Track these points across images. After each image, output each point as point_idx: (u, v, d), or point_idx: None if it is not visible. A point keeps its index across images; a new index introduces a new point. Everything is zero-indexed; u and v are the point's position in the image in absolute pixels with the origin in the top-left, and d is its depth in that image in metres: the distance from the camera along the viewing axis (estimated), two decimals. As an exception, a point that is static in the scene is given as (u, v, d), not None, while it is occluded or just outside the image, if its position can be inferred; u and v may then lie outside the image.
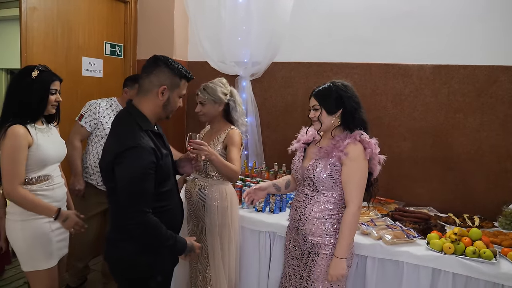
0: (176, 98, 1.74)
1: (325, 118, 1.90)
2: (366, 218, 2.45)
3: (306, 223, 1.94)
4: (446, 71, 2.87)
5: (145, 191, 1.61)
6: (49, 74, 2.02)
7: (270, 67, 3.36)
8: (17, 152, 1.86)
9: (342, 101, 1.87)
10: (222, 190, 2.39)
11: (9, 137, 1.84)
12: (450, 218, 2.59)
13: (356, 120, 1.87)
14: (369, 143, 1.84)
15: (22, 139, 1.86)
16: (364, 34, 3.07)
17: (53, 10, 3.04)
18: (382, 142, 3.07)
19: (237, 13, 3.17)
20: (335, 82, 1.92)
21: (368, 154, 1.83)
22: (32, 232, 1.97)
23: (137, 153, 1.58)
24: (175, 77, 1.69)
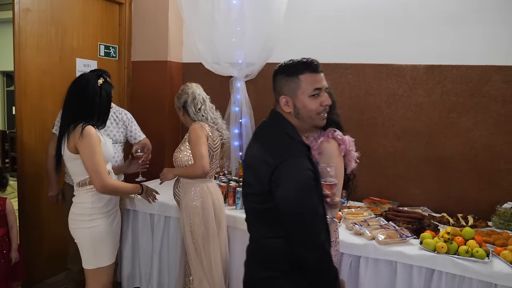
0: (305, 100, 1.41)
1: None
2: (360, 218, 2.45)
3: None
4: (439, 71, 2.88)
5: (318, 211, 1.36)
6: (109, 82, 2.17)
7: (264, 68, 3.35)
8: (97, 148, 1.98)
9: None
10: (201, 189, 2.39)
11: (87, 136, 1.96)
12: (444, 217, 2.59)
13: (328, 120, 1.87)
14: (343, 139, 1.84)
15: (97, 136, 2.01)
16: (357, 35, 3.07)
17: (46, 12, 3.04)
18: (376, 142, 3.13)
19: (230, 15, 3.17)
20: None
21: (343, 150, 1.83)
22: (100, 230, 2.08)
23: (298, 166, 1.34)
24: (290, 77, 1.43)
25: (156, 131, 3.65)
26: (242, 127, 3.47)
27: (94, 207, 2.07)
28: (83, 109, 2.03)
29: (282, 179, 1.32)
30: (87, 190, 2.05)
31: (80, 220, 2.08)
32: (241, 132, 3.49)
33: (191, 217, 2.35)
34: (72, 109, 2.04)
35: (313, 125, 1.49)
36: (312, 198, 1.34)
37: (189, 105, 2.44)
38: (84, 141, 1.95)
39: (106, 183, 1.99)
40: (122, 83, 3.76)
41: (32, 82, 2.98)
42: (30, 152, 3.00)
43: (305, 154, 1.40)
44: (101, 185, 1.98)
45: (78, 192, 2.11)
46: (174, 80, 3.75)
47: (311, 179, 1.35)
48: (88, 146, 1.96)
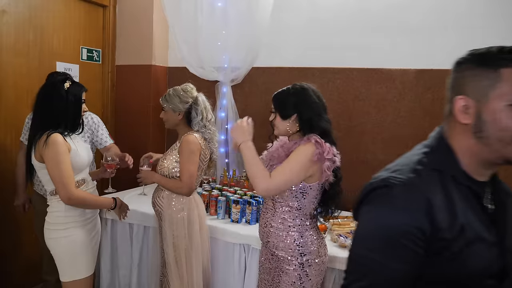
0: (501, 110, 0.85)
1: (279, 122, 1.81)
2: (346, 230, 2.34)
3: (270, 236, 1.82)
4: (430, 75, 2.77)
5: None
6: (78, 85, 2.05)
7: (250, 72, 3.26)
8: (63, 157, 1.87)
9: (296, 105, 1.77)
10: (185, 199, 2.26)
11: (52, 145, 1.85)
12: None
13: (314, 128, 1.75)
14: (321, 144, 1.69)
15: (63, 145, 1.89)
16: (346, 38, 2.97)
17: (24, 14, 2.94)
18: (365, 149, 3.02)
19: (214, 17, 3.08)
20: (295, 85, 1.83)
21: (318, 154, 1.68)
22: (76, 240, 1.99)
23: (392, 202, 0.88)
24: (483, 68, 0.89)
25: (140, 137, 3.55)
26: (228, 134, 3.36)
27: (68, 216, 1.98)
28: (49, 116, 1.93)
29: None
30: (58, 200, 1.96)
31: (54, 230, 1.99)
32: (227, 138, 3.38)
33: (175, 228, 2.22)
34: (39, 116, 1.96)
35: (502, 157, 0.88)
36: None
37: (197, 113, 2.24)
38: (48, 150, 1.86)
39: (72, 194, 1.89)
40: (106, 88, 3.65)
41: (8, 86, 2.88)
42: (4, 159, 2.89)
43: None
44: (66, 197, 1.89)
45: (51, 201, 2.03)
46: (159, 85, 3.65)
47: None
48: (53, 155, 1.86)
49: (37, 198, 2.67)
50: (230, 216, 2.59)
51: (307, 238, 1.77)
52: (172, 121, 2.29)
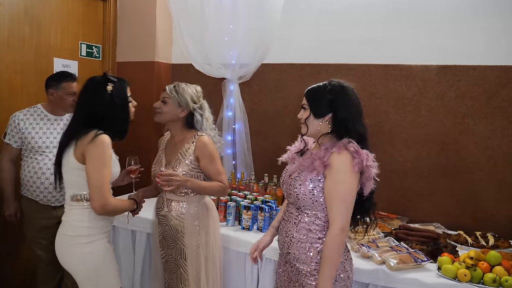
0: None
1: (311, 121, 1.62)
2: (367, 238, 2.15)
3: (291, 247, 1.64)
4: (453, 72, 2.60)
5: None
6: (120, 82, 1.85)
7: (259, 69, 3.08)
8: (108, 160, 1.71)
9: (333, 104, 1.58)
10: (202, 206, 2.10)
11: (100, 145, 1.68)
12: (460, 236, 2.29)
13: (350, 130, 1.56)
14: (358, 152, 1.51)
15: (110, 148, 1.73)
16: (362, 32, 2.79)
17: (19, 6, 2.75)
18: (382, 150, 2.83)
19: (222, 11, 2.89)
20: (332, 81, 1.64)
21: (357, 165, 1.50)
22: (99, 254, 1.79)
23: None
24: None
25: (143, 137, 3.37)
26: (236, 134, 3.18)
27: (92, 227, 1.76)
28: (95, 120, 1.76)
29: None
30: (83, 207, 1.75)
31: (76, 244, 1.75)
32: (235, 139, 3.20)
33: (195, 240, 2.04)
34: (82, 118, 1.78)
35: None
36: None
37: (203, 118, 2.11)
38: (95, 149, 1.67)
39: (108, 203, 1.70)
40: (106, 86, 3.47)
41: (1, 83, 2.69)
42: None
43: None
44: (101, 205, 1.68)
45: (71, 207, 1.78)
46: (162, 83, 3.45)
47: None
48: (99, 155, 1.68)
49: (27, 203, 2.48)
50: (241, 222, 2.41)
51: None
52: (172, 115, 2.08)
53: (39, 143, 2.43)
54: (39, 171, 2.42)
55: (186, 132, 2.11)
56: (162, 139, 2.30)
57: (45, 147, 2.44)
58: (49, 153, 2.44)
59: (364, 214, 1.66)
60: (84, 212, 1.75)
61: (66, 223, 1.79)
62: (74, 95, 2.47)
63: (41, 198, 2.44)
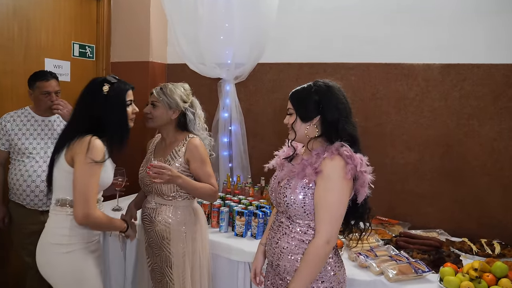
0: None
1: (298, 125, 1.51)
2: (365, 247, 2.05)
3: (281, 259, 1.53)
4: (457, 70, 2.48)
5: None
6: (120, 84, 1.73)
7: (256, 69, 2.98)
8: (97, 169, 1.60)
9: (320, 106, 1.48)
10: (190, 212, 2.00)
11: (93, 150, 1.58)
12: (465, 244, 2.18)
13: (340, 132, 1.46)
14: (352, 157, 1.41)
15: (102, 155, 1.62)
16: (361, 30, 2.68)
17: (8, 5, 2.68)
18: (383, 153, 2.72)
19: (216, 9, 2.79)
20: (317, 82, 1.53)
21: (350, 171, 1.40)
22: (81, 264, 1.68)
23: None
24: None
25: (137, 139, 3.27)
26: (232, 136, 3.09)
27: (73, 236, 1.66)
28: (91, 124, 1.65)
29: None
30: (66, 213, 1.66)
31: (55, 254, 1.66)
32: (231, 141, 3.11)
33: (182, 246, 1.95)
34: (79, 121, 1.68)
35: None
36: None
37: (195, 117, 2.03)
38: (87, 153, 1.56)
39: (91, 214, 1.59)
40: (100, 87, 3.39)
41: (-10, 84, 2.63)
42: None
43: None
44: (83, 214, 1.57)
45: (55, 212, 1.69)
46: (157, 83, 3.31)
47: None
48: (88, 161, 1.57)
49: (14, 208, 2.42)
50: (234, 229, 2.32)
51: (326, 263, 1.49)
52: (163, 119, 1.99)
53: (25, 145, 2.36)
54: (25, 173, 2.34)
55: (178, 134, 2.04)
56: (152, 142, 2.21)
57: (32, 149, 2.36)
58: (36, 154, 2.37)
59: (358, 220, 1.55)
60: (67, 219, 1.65)
61: (47, 229, 1.70)
62: (49, 94, 2.40)
63: (27, 202, 2.36)
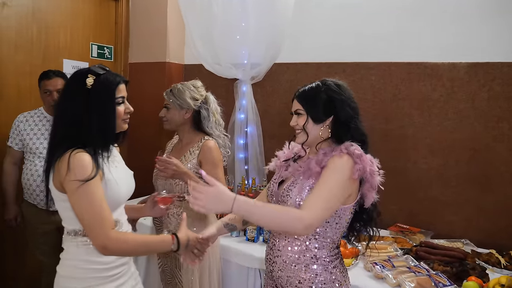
0: None
1: (311, 127, 1.42)
2: (382, 256, 1.94)
3: (284, 269, 1.42)
4: (485, 70, 2.33)
5: None
6: (109, 76, 1.36)
7: (273, 69, 2.91)
8: (93, 186, 1.28)
9: (333, 106, 1.40)
10: (200, 214, 1.95)
11: (76, 169, 1.26)
12: (492, 256, 2.03)
13: (352, 130, 1.38)
14: (361, 157, 1.32)
15: (91, 169, 1.28)
16: (382, 28, 2.56)
17: (27, 7, 2.73)
18: (405, 157, 2.59)
19: (232, 8, 2.74)
20: (326, 81, 1.45)
21: (358, 171, 1.30)
22: None
23: None
24: None
25: (154, 140, 3.28)
26: (248, 137, 3.02)
27: (88, 269, 1.35)
28: (69, 129, 1.33)
29: None
30: (83, 243, 1.35)
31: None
32: (247, 142, 3.05)
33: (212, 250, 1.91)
34: (58, 128, 1.36)
35: None
36: None
37: (209, 114, 1.98)
38: (71, 175, 1.26)
39: (109, 239, 1.27)
40: (118, 87, 3.41)
41: (9, 85, 2.67)
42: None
43: None
44: (102, 244, 1.27)
45: (67, 242, 1.40)
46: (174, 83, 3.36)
47: None
48: (78, 183, 1.25)
49: (27, 208, 2.43)
50: (246, 233, 2.25)
51: (332, 274, 1.39)
52: (177, 121, 1.99)
53: (36, 145, 2.38)
54: (35, 173, 2.36)
55: (194, 135, 2.02)
56: (170, 142, 2.23)
57: (43, 149, 2.37)
58: None
59: (366, 225, 1.46)
60: (80, 248, 1.35)
61: (62, 261, 1.41)
62: (51, 93, 2.40)
63: (38, 202, 2.39)
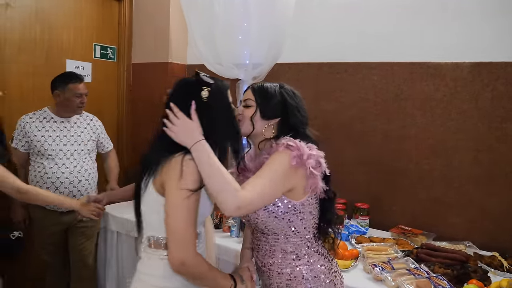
0: None
1: (257, 120, 1.39)
2: (382, 258, 1.91)
3: (272, 277, 1.41)
4: (488, 69, 2.29)
5: None
6: (219, 86, 1.33)
7: (274, 69, 2.89)
8: (195, 200, 1.22)
9: (284, 108, 1.39)
10: None
11: (189, 177, 1.19)
12: (495, 259, 1.99)
13: (301, 135, 1.35)
14: (296, 145, 1.28)
15: (198, 180, 1.22)
16: (384, 28, 2.54)
17: (30, 8, 2.75)
18: (407, 158, 2.56)
19: (233, 8, 2.72)
20: (284, 85, 1.46)
21: (296, 157, 1.26)
22: None
23: None
24: None
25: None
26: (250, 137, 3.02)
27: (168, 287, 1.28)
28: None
29: None
30: (161, 257, 1.29)
31: None
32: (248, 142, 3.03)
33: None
34: (167, 137, 1.26)
35: None
36: None
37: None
38: (183, 185, 1.18)
39: (189, 259, 1.18)
40: (122, 87, 3.42)
41: (12, 85, 2.69)
42: (11, 162, 2.69)
43: None
44: (180, 260, 1.17)
45: (145, 254, 1.33)
46: (176, 84, 3.37)
47: None
48: (187, 195, 1.18)
49: (34, 209, 2.41)
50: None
51: (319, 272, 1.37)
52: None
53: (45, 146, 2.37)
54: (44, 175, 2.36)
55: None
56: None
57: (51, 150, 2.38)
58: (55, 156, 2.38)
59: (327, 224, 1.43)
60: (160, 264, 1.28)
61: (138, 275, 1.34)
62: (81, 96, 2.42)
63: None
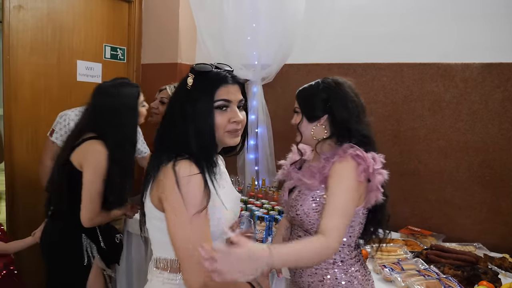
0: None
1: (304, 126, 1.41)
2: (392, 259, 1.91)
3: (303, 274, 1.43)
4: (499, 70, 2.28)
5: None
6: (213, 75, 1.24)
7: (283, 69, 2.91)
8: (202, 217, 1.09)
9: (327, 104, 1.37)
10: None
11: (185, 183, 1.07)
12: (505, 260, 1.98)
13: (353, 132, 1.35)
14: (363, 157, 1.28)
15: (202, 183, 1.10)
16: (394, 28, 2.53)
17: (42, 10, 2.77)
18: (417, 159, 2.55)
19: (242, 9, 2.74)
20: (326, 79, 1.43)
21: (363, 172, 1.27)
22: None
23: None
24: None
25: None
26: (258, 138, 3.03)
27: None
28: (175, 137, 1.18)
29: None
30: (166, 280, 1.18)
31: None
32: (257, 143, 3.05)
33: None
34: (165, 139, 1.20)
35: None
36: None
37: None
38: (177, 189, 1.06)
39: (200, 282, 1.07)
40: (131, 88, 3.45)
41: (24, 86, 2.72)
42: (20, 160, 2.71)
43: None
44: (200, 284, 1.07)
45: (151, 275, 1.25)
46: (186, 85, 3.39)
47: None
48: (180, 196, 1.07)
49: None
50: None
51: (353, 277, 1.38)
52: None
53: None
54: None
55: None
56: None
57: None
58: None
59: (376, 227, 1.44)
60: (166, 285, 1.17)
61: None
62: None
63: None
